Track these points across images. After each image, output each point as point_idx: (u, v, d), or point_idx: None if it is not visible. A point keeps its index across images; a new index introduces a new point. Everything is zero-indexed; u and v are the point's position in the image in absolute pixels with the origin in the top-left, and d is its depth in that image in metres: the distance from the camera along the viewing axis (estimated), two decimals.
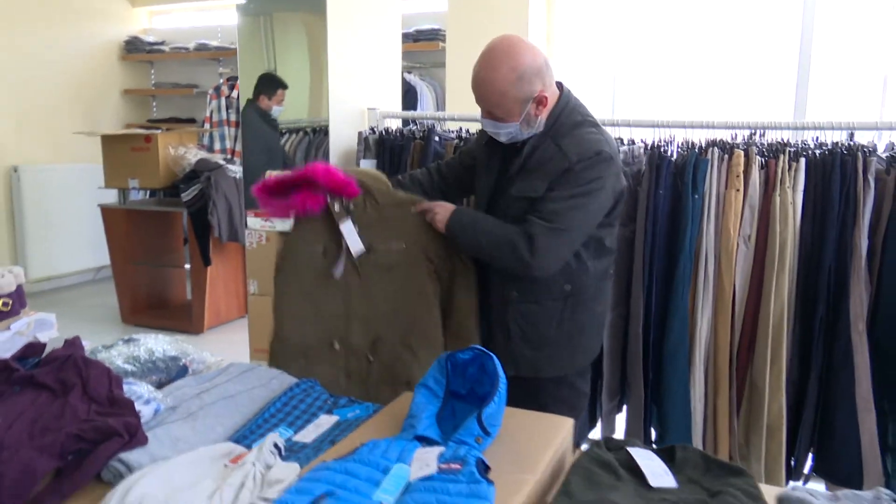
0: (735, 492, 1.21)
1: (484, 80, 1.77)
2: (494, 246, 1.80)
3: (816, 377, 2.31)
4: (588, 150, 1.76)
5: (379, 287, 1.87)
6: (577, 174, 1.75)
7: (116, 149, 4.60)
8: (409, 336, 1.85)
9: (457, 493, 1.12)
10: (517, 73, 1.73)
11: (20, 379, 1.55)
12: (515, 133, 1.83)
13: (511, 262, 1.79)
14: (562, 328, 1.91)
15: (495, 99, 1.77)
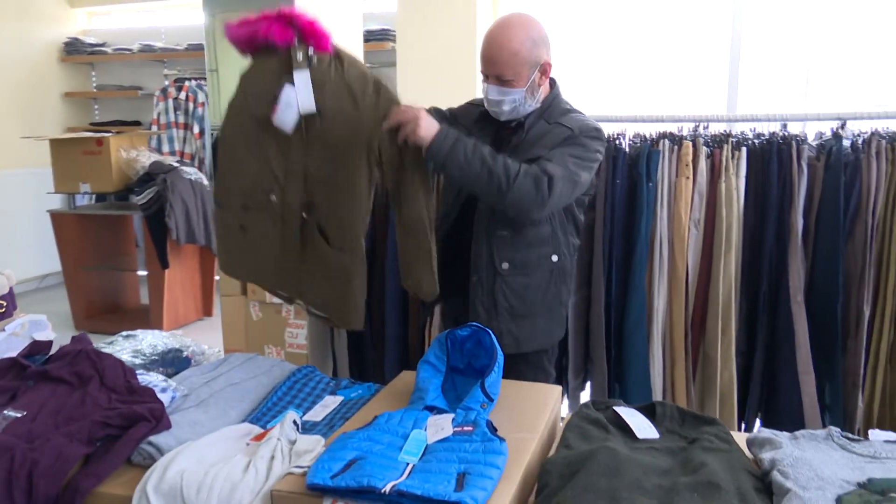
0: (710, 437, 1.39)
1: (499, 40, 1.85)
2: (490, 173, 1.74)
3: (762, 346, 2.54)
4: (587, 125, 1.91)
5: (318, 154, 1.76)
6: (581, 140, 1.87)
7: (67, 153, 4.53)
8: (341, 204, 1.79)
9: (473, 450, 1.27)
10: (530, 36, 1.86)
11: (33, 374, 1.61)
12: (519, 102, 1.90)
13: (525, 197, 1.76)
14: (546, 300, 2.00)
15: (509, 58, 1.84)
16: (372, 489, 1.13)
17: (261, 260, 1.85)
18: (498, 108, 1.92)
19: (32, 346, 1.73)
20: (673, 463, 1.33)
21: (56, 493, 1.33)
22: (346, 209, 1.79)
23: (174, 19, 6.13)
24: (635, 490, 1.17)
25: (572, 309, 2.74)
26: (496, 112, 1.94)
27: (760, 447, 1.36)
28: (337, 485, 1.15)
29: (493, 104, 1.92)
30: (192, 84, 5.70)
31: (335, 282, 1.83)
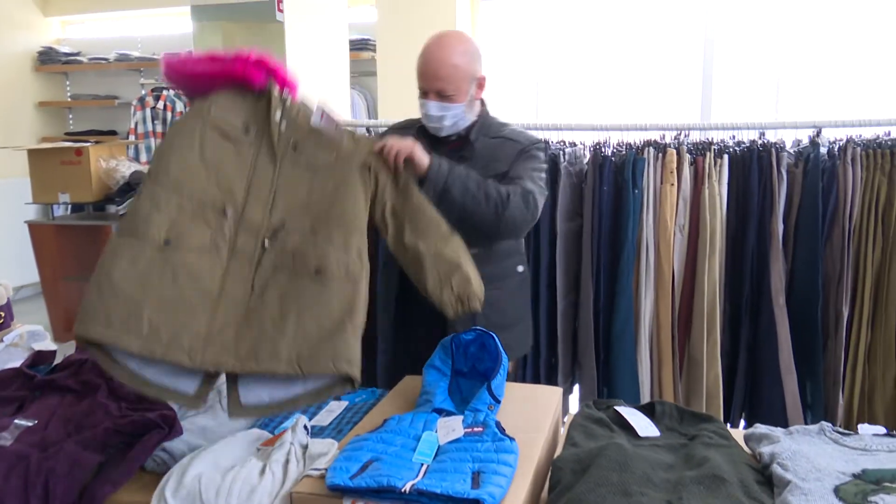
0: (709, 434, 1.45)
1: (438, 55, 1.88)
2: (487, 196, 1.76)
3: (745, 347, 2.62)
4: (532, 137, 1.99)
5: (294, 180, 1.51)
6: (534, 153, 1.96)
7: (45, 163, 4.48)
8: (322, 224, 1.47)
9: (485, 449, 1.31)
10: (468, 51, 1.92)
11: (40, 384, 1.61)
12: (459, 117, 1.93)
13: (519, 214, 1.82)
14: (518, 309, 2.08)
15: (450, 72, 1.86)
16: (392, 489, 1.16)
17: (182, 315, 1.23)
18: (439, 123, 1.92)
19: (36, 357, 1.74)
20: (675, 458, 1.38)
21: (73, 500, 1.34)
22: (341, 228, 1.48)
23: (150, 28, 6.09)
24: (645, 484, 1.22)
25: (561, 314, 2.80)
26: (436, 128, 1.93)
27: (758, 442, 1.42)
28: (357, 485, 1.18)
29: (434, 120, 1.92)
30: (169, 93, 5.67)
31: (322, 320, 1.33)
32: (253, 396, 1.21)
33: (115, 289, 1.20)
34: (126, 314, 1.17)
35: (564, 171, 2.74)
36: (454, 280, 1.56)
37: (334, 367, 1.28)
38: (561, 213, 2.74)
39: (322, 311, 1.32)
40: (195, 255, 1.31)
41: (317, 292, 1.33)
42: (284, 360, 1.24)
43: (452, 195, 1.73)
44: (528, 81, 5.14)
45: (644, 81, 4.84)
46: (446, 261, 1.57)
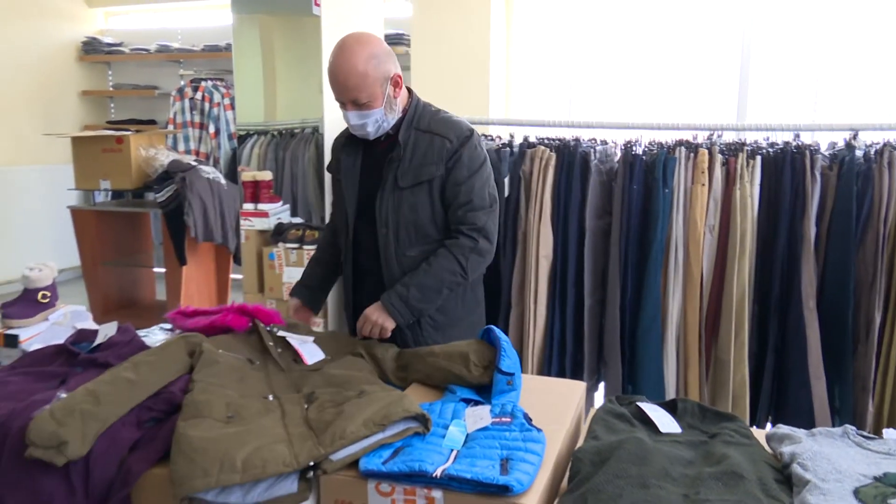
0: (730, 432, 1.46)
1: (343, 67, 1.83)
2: (453, 277, 1.92)
3: (773, 350, 2.61)
4: (461, 129, 1.97)
5: (306, 378, 1.71)
6: (468, 155, 1.94)
7: (87, 150, 4.61)
8: (348, 384, 1.64)
9: (513, 438, 1.34)
10: (372, 54, 1.84)
11: (83, 361, 1.68)
12: (381, 120, 1.91)
13: (480, 265, 1.98)
14: (466, 305, 2.10)
15: (358, 81, 1.83)
16: (423, 473, 1.20)
17: (265, 448, 1.33)
18: (362, 130, 1.94)
19: (79, 334, 1.81)
20: (695, 455, 1.40)
21: (111, 475, 1.40)
22: (362, 381, 1.66)
23: (190, 20, 6.22)
24: (663, 478, 1.24)
25: (587, 311, 2.82)
26: (363, 134, 1.95)
27: (780, 442, 1.42)
28: (389, 470, 1.23)
29: (357, 128, 1.94)
30: (207, 84, 5.79)
31: (382, 402, 1.45)
32: (341, 454, 1.33)
33: (200, 450, 1.32)
34: (219, 462, 1.29)
35: (595, 169, 2.75)
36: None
37: (408, 412, 1.40)
38: (590, 210, 2.76)
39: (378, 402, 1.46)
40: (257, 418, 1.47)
41: (366, 400, 1.48)
42: (365, 427, 1.35)
43: (428, 308, 1.95)
44: (562, 77, 5.13)
45: (680, 81, 4.81)
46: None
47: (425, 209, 1.96)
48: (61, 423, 1.37)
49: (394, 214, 1.96)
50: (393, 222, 1.96)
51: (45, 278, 2.03)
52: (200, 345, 1.71)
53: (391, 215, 1.96)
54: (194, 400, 1.49)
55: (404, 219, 1.95)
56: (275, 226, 4.15)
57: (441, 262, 1.92)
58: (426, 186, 1.94)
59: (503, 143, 2.93)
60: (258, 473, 1.27)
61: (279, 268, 3.97)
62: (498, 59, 5.00)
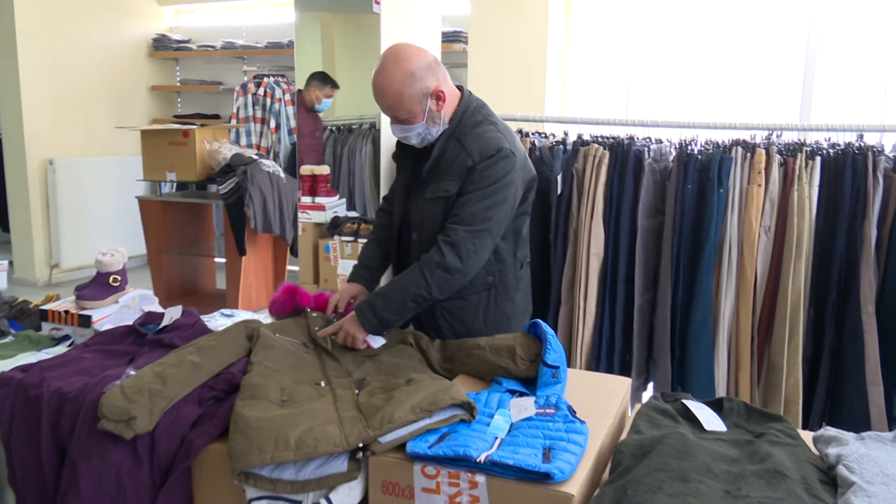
0: (776, 432, 1.46)
1: (381, 87, 1.84)
2: (418, 290, 1.84)
3: (828, 354, 2.57)
4: (488, 147, 1.86)
5: (357, 361, 1.79)
6: (481, 173, 1.85)
7: (155, 143, 4.81)
8: (396, 370, 1.72)
9: (556, 429, 1.37)
10: (409, 72, 1.82)
11: (150, 341, 1.78)
12: (424, 133, 1.90)
13: (448, 282, 1.84)
14: (488, 319, 2.00)
15: (395, 101, 1.84)
16: (468, 458, 1.25)
17: (317, 428, 1.40)
18: (407, 141, 1.96)
19: (146, 317, 1.92)
20: (739, 453, 1.40)
21: (174, 448, 1.49)
22: (411, 369, 1.73)
23: (255, 18, 6.39)
24: (704, 473, 1.26)
25: (637, 310, 2.82)
26: (413, 144, 1.96)
27: (826, 444, 1.42)
28: (435, 453, 1.27)
29: (402, 140, 1.97)
30: (270, 80, 5.94)
31: (430, 390, 1.51)
32: (389, 437, 1.39)
33: (255, 428, 1.39)
34: (273, 440, 1.36)
35: (648, 168, 2.75)
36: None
37: (455, 399, 1.44)
38: (642, 209, 2.75)
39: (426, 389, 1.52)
40: (310, 402, 1.53)
41: (415, 388, 1.54)
42: (413, 413, 1.41)
43: (396, 319, 1.89)
44: (620, 75, 5.09)
45: (742, 79, 4.71)
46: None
47: (441, 223, 1.92)
48: (131, 399, 1.47)
49: (420, 222, 1.97)
50: (420, 229, 1.98)
51: (117, 263, 2.15)
52: (258, 329, 1.79)
53: (419, 222, 1.98)
54: (252, 382, 1.57)
55: (429, 228, 1.95)
56: (331, 219, 4.26)
57: (409, 274, 1.87)
58: (443, 202, 1.91)
59: (556, 140, 2.95)
60: (310, 452, 1.34)
61: (334, 260, 4.08)
62: (555, 57, 5.00)
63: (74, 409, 1.52)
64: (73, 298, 2.14)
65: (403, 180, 2.06)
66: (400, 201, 2.07)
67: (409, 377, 1.61)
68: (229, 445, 1.39)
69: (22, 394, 1.59)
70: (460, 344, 1.82)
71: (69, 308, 2.07)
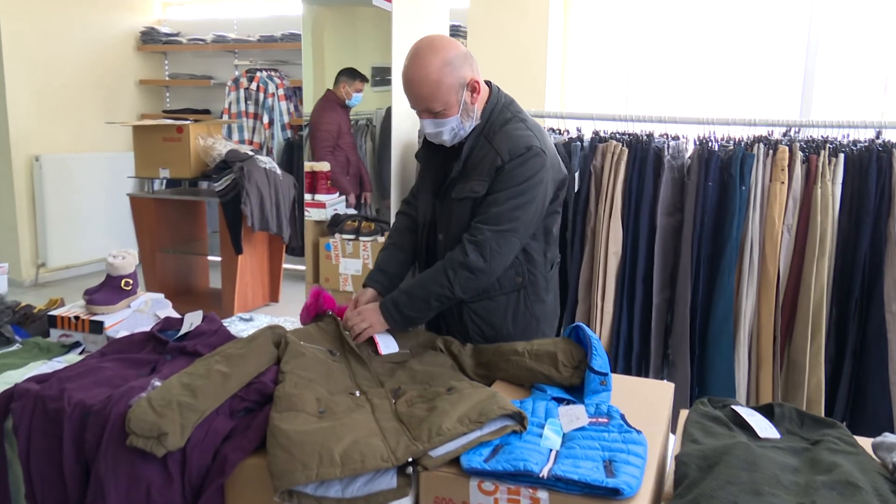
0: (834, 440, 1.41)
1: (416, 76, 1.77)
2: (441, 289, 1.79)
3: (851, 354, 2.54)
4: (518, 146, 1.79)
5: (389, 369, 1.74)
6: (510, 172, 1.78)
7: (148, 139, 4.68)
8: (432, 378, 1.67)
9: (612, 439, 1.31)
10: (445, 60, 1.76)
11: (172, 349, 1.70)
12: (457, 128, 1.84)
13: (471, 282, 1.79)
14: (517, 322, 1.94)
15: (431, 91, 1.77)
16: (529, 473, 1.18)
17: (362, 442, 1.33)
18: (437, 138, 1.88)
19: (165, 322, 1.83)
20: (800, 462, 1.35)
21: (207, 464, 1.41)
22: (446, 376, 1.69)
23: (245, 11, 6.27)
24: (774, 485, 1.21)
25: (655, 309, 2.77)
26: (439, 142, 1.90)
27: (889, 451, 1.37)
28: (493, 468, 1.21)
29: (433, 136, 1.89)
30: (263, 75, 5.83)
31: (474, 399, 1.45)
32: (440, 451, 1.32)
33: (297, 443, 1.32)
34: (317, 455, 1.29)
35: (667, 165, 2.70)
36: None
37: (504, 409, 1.38)
38: (661, 207, 2.70)
39: (470, 398, 1.45)
40: (348, 413, 1.47)
41: (457, 397, 1.47)
42: (462, 424, 1.34)
43: (420, 318, 1.86)
44: (619, 72, 5.06)
45: (740, 76, 4.69)
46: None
47: (468, 224, 1.85)
48: (161, 414, 1.39)
49: (447, 222, 1.91)
50: (446, 229, 1.92)
51: (128, 266, 2.06)
52: (285, 336, 1.72)
53: (445, 223, 1.92)
54: (287, 393, 1.49)
55: (456, 228, 1.88)
56: (331, 216, 4.18)
57: (432, 273, 1.82)
58: (470, 202, 1.85)
59: (571, 137, 2.89)
60: (357, 468, 1.27)
61: (335, 258, 4.00)
62: (555, 52, 4.94)
63: (99, 423, 1.44)
64: (81, 303, 2.05)
65: (430, 180, 1.98)
66: (426, 201, 2.00)
67: (450, 385, 1.54)
68: (270, 461, 1.31)
69: (41, 407, 1.51)
70: (496, 349, 1.75)
71: (79, 313, 1.98)
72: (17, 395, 1.54)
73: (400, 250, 2.08)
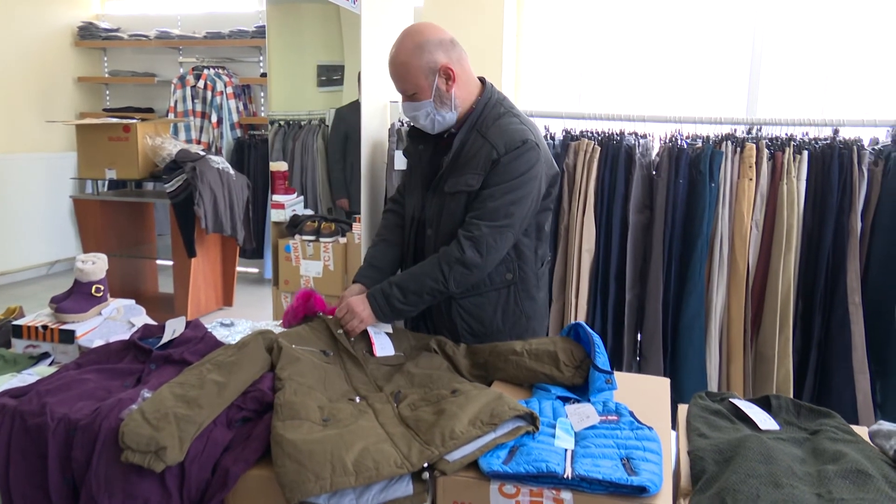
0: (832, 429, 1.45)
1: (392, 57, 1.82)
2: (434, 284, 1.78)
3: (817, 345, 2.62)
4: (513, 139, 1.79)
5: (386, 372, 1.70)
6: (506, 166, 1.78)
7: (93, 138, 4.48)
8: (431, 380, 1.65)
9: (626, 437, 1.31)
10: (417, 44, 1.78)
11: (156, 358, 1.62)
12: (433, 114, 1.83)
13: (465, 277, 1.78)
14: (507, 318, 1.92)
15: (401, 72, 1.80)
16: (553, 474, 1.16)
17: (373, 448, 1.30)
18: (417, 123, 1.89)
19: (145, 330, 1.74)
20: (803, 452, 1.38)
21: (206, 477, 1.34)
22: (447, 378, 1.67)
23: (188, 7, 6.07)
24: (791, 476, 1.22)
25: (627, 306, 2.80)
26: (424, 127, 1.89)
27: (886, 438, 1.41)
28: (515, 471, 1.19)
29: (412, 120, 1.90)
30: (210, 72, 5.66)
31: (482, 400, 1.42)
32: (456, 455, 1.29)
33: (305, 452, 1.27)
34: (329, 464, 1.25)
35: (637, 163, 2.73)
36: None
37: (515, 410, 1.35)
38: (633, 204, 2.74)
39: (478, 400, 1.42)
40: (353, 420, 1.42)
41: (463, 399, 1.43)
42: (474, 426, 1.32)
43: (411, 311, 1.85)
44: (572, 70, 5.11)
45: (689, 73, 4.81)
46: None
47: (460, 218, 1.84)
48: (157, 427, 1.32)
49: (438, 217, 1.88)
50: (437, 224, 1.89)
51: (99, 271, 1.95)
52: (277, 340, 1.66)
53: (435, 217, 1.89)
54: (288, 401, 1.44)
55: (446, 223, 1.86)
56: (290, 217, 4.08)
57: (426, 267, 1.81)
58: (464, 196, 1.82)
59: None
60: (372, 476, 1.23)
61: (296, 260, 3.91)
62: (509, 50, 4.96)
63: (88, 439, 1.35)
64: (47, 311, 1.94)
65: (419, 175, 1.95)
66: (415, 196, 1.97)
67: (453, 387, 1.51)
68: (279, 473, 1.26)
69: (20, 423, 1.41)
70: (492, 349, 1.73)
71: (47, 322, 1.86)
72: None
73: (390, 246, 2.06)
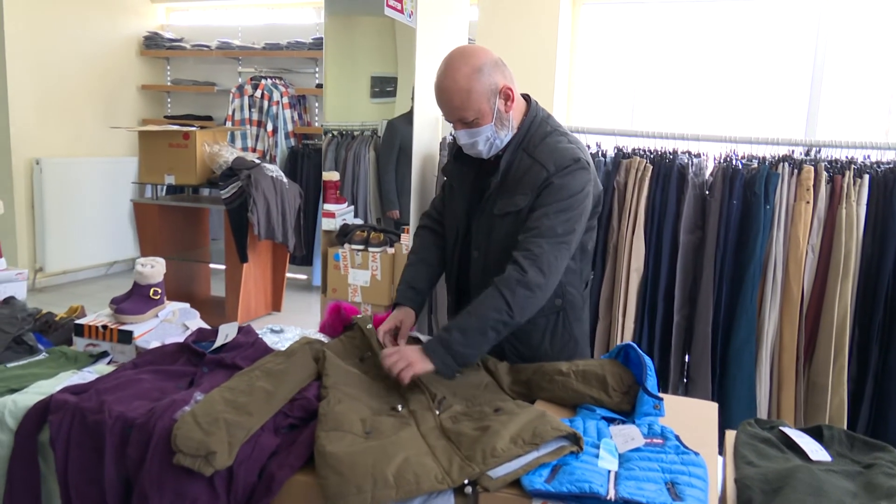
0: (888, 464, 1.40)
1: (447, 86, 1.74)
2: (498, 314, 1.66)
3: (873, 375, 2.54)
4: (564, 158, 1.75)
5: (427, 379, 1.65)
6: (559, 185, 1.74)
7: (154, 145, 4.64)
8: (474, 391, 1.65)
9: (671, 461, 1.29)
10: (475, 67, 1.72)
11: (209, 361, 1.66)
12: (492, 138, 1.79)
13: (530, 301, 1.69)
14: (555, 343, 1.89)
15: (462, 99, 1.73)
16: (596, 495, 1.16)
17: (414, 461, 1.31)
18: (473, 149, 1.83)
19: (199, 334, 1.79)
20: (855, 487, 1.34)
21: (253, 481, 1.37)
22: (489, 394, 1.66)
23: (249, 18, 6.24)
24: None
25: (675, 327, 2.76)
26: (475, 153, 1.84)
27: None
28: (558, 490, 1.19)
29: (468, 147, 1.83)
30: (267, 82, 5.80)
31: (524, 418, 1.42)
32: (499, 472, 1.29)
33: (348, 464, 1.29)
34: (371, 477, 1.26)
35: (690, 183, 2.70)
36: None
37: (559, 430, 1.35)
38: (684, 224, 2.70)
39: (520, 418, 1.42)
40: (395, 432, 1.43)
41: (506, 417, 1.43)
42: (515, 445, 1.32)
43: (475, 353, 1.69)
44: (625, 87, 5.08)
45: (748, 94, 4.73)
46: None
47: (515, 239, 1.77)
48: (208, 432, 1.35)
49: (486, 239, 1.85)
50: (484, 247, 1.86)
51: (157, 275, 2.02)
52: (323, 350, 1.69)
53: (483, 240, 1.86)
54: (333, 411, 1.46)
55: (495, 245, 1.83)
56: (340, 227, 4.15)
57: (485, 300, 1.68)
58: (514, 217, 1.79)
59: (593, 153, 2.88)
60: (412, 490, 1.24)
61: (344, 269, 3.96)
62: (563, 66, 4.96)
63: (143, 438, 1.40)
64: (107, 311, 2.01)
65: (463, 196, 1.93)
66: (458, 218, 1.93)
67: (496, 406, 1.52)
68: (322, 485, 1.28)
69: (80, 419, 1.47)
70: (536, 368, 1.71)
71: (107, 322, 1.93)
72: (54, 406, 1.50)
73: (428, 266, 2.02)
